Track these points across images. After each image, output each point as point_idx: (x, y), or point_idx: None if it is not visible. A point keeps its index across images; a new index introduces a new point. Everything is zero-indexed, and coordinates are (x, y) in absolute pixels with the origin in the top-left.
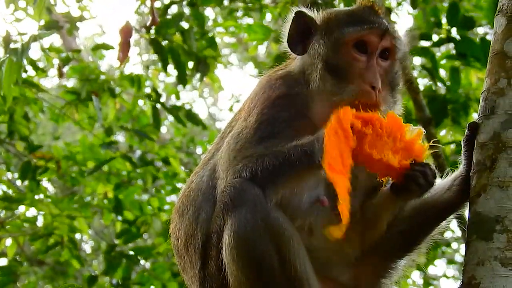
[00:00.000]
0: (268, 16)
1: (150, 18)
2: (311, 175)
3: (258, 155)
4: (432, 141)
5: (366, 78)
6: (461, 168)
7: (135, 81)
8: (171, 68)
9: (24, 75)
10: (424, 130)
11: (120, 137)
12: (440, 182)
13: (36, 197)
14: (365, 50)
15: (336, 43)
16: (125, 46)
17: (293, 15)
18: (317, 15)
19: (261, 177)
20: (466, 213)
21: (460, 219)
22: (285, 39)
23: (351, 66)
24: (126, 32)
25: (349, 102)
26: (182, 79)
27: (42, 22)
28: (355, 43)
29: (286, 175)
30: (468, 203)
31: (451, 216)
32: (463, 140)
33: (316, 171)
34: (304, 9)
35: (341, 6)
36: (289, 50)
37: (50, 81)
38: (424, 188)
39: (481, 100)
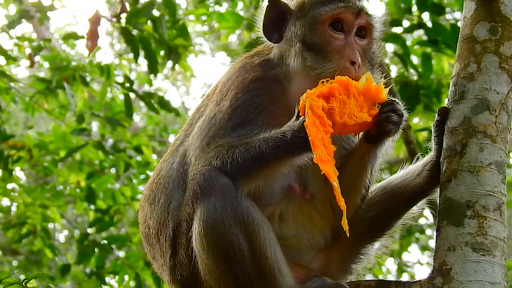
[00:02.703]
0: (240, 4)
1: (119, 6)
2: (281, 167)
3: (230, 146)
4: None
5: (345, 54)
6: (431, 153)
7: (105, 70)
8: (142, 57)
9: None
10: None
11: (93, 127)
12: (411, 168)
13: (9, 186)
14: (341, 28)
15: (312, 23)
16: (93, 35)
17: (267, 3)
18: (290, 1)
19: (230, 168)
20: (438, 199)
21: (431, 204)
22: (260, 28)
23: (329, 44)
24: (95, 21)
25: (329, 78)
26: (153, 69)
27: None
28: (331, 22)
29: (255, 168)
30: (438, 188)
31: (422, 202)
32: (433, 125)
33: (285, 164)
34: None
35: None
36: (265, 39)
37: (21, 71)
38: (399, 123)
39: (451, 85)
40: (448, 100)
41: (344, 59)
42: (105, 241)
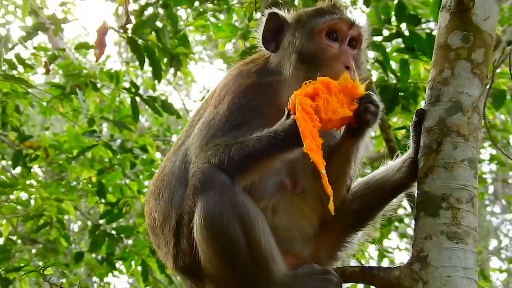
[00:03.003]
0: (235, 16)
1: (125, 18)
2: (274, 163)
3: (226, 145)
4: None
5: (340, 60)
6: (409, 151)
7: (114, 76)
8: (147, 64)
9: (14, 73)
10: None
11: (103, 127)
12: (391, 164)
13: (27, 182)
14: (335, 38)
15: (310, 33)
16: (101, 44)
17: (267, 15)
18: (288, 15)
19: (227, 165)
20: (415, 192)
21: (409, 197)
22: (259, 38)
23: (325, 52)
24: (102, 31)
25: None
26: (157, 75)
27: (30, 24)
28: (327, 32)
29: (250, 164)
30: (416, 183)
31: (401, 195)
32: (411, 125)
33: (277, 159)
34: (276, 10)
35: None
36: (263, 48)
37: (38, 77)
38: (376, 113)
39: (427, 89)
40: (425, 103)
41: (340, 64)
42: (114, 232)
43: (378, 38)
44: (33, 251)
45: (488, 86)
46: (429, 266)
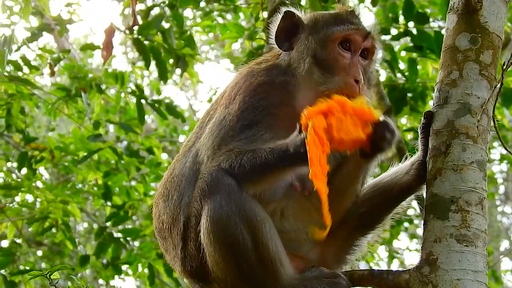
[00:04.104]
0: (241, 16)
1: (132, 19)
2: (283, 176)
3: (239, 152)
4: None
5: (350, 72)
6: (418, 153)
7: (119, 78)
8: (153, 65)
9: (19, 74)
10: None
11: (109, 127)
12: (399, 166)
13: (33, 184)
14: (349, 48)
15: (324, 40)
16: (108, 46)
17: (283, 14)
18: (304, 16)
19: (237, 172)
20: (424, 194)
21: (419, 199)
22: (273, 36)
23: (337, 61)
24: (110, 32)
25: (334, 93)
26: (163, 76)
27: (36, 24)
28: (341, 41)
29: (259, 175)
30: (425, 185)
31: (410, 198)
32: (420, 127)
33: (287, 173)
34: (292, 9)
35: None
36: (276, 46)
37: (44, 79)
38: (392, 140)
39: (435, 91)
40: (433, 104)
41: (350, 76)
42: (120, 235)
43: (386, 37)
44: (39, 253)
45: (497, 87)
46: (438, 269)
